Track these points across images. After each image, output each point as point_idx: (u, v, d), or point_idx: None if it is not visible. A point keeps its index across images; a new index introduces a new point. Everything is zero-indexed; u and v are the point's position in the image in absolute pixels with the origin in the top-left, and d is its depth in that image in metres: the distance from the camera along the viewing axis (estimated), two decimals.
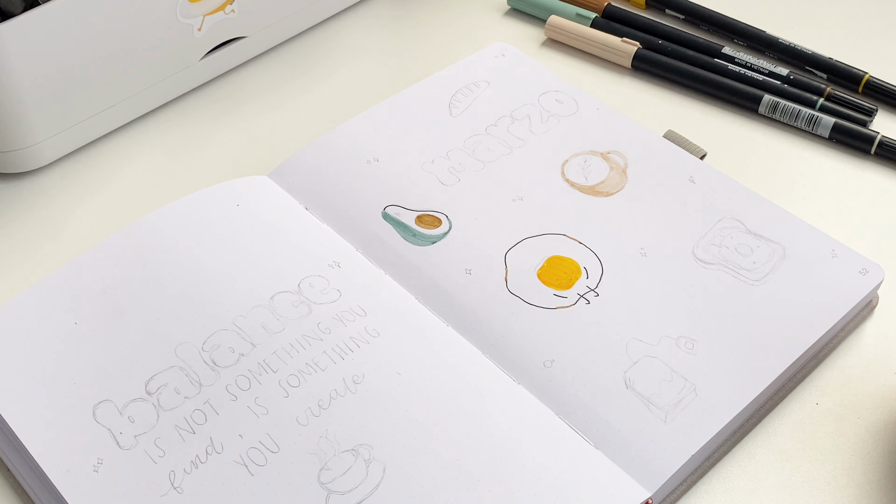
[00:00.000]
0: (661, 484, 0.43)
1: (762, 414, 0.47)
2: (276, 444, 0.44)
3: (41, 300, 0.50)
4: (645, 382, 0.47)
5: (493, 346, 0.48)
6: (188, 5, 0.61)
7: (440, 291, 0.51)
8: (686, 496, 0.45)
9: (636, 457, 0.44)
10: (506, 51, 0.64)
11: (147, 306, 0.50)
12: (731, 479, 0.45)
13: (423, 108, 0.60)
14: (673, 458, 0.44)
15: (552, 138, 0.58)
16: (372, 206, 0.55)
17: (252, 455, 0.44)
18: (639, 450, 0.44)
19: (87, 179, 0.60)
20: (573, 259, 0.52)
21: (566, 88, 0.61)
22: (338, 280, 0.51)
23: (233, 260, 0.52)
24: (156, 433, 0.45)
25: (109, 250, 0.52)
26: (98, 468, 0.44)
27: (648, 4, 0.70)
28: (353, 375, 0.47)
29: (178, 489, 0.43)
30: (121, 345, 0.48)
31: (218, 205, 0.55)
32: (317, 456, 0.44)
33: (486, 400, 0.46)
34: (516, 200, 0.55)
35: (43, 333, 0.48)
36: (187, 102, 0.64)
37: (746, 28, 0.67)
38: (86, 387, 0.46)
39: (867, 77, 0.63)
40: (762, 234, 0.53)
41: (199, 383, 0.47)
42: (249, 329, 0.49)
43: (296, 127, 0.60)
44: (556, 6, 0.69)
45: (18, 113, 0.57)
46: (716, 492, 0.45)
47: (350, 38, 0.68)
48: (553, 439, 0.45)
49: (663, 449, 0.44)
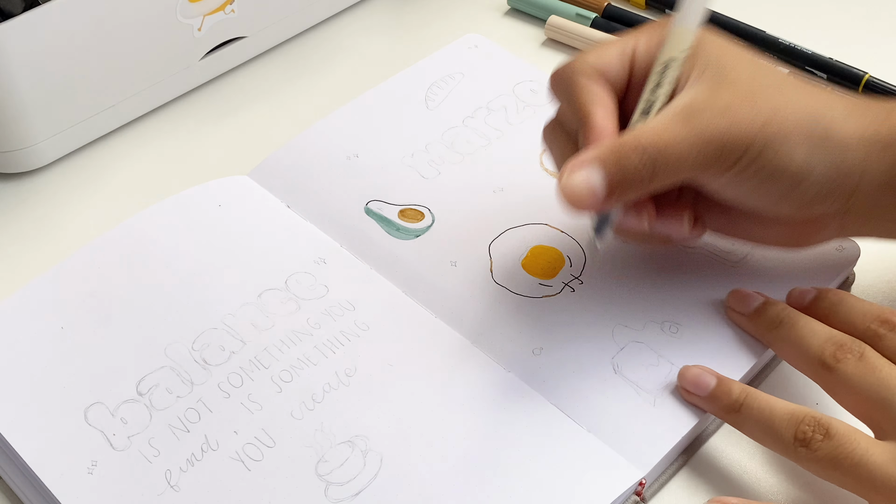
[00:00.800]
0: (653, 464, 0.44)
1: None
2: (271, 438, 0.45)
3: (26, 306, 0.50)
4: (632, 367, 0.47)
5: (482, 335, 0.49)
6: (188, 5, 0.61)
7: (426, 284, 0.51)
8: (678, 475, 0.46)
9: (628, 439, 0.45)
10: (478, 42, 0.64)
11: (134, 308, 0.50)
12: (722, 457, 0.46)
13: (399, 103, 0.61)
14: (664, 439, 0.45)
15: (529, 128, 0.59)
16: (354, 202, 0.55)
17: (248, 450, 0.44)
18: (630, 432, 0.45)
19: (87, 179, 0.60)
20: (556, 248, 0.53)
21: (540, 77, 0.62)
22: (324, 276, 0.51)
23: (218, 259, 0.52)
24: (149, 433, 0.45)
25: (93, 254, 0.52)
26: (92, 470, 0.44)
27: (648, 4, 0.70)
28: (346, 368, 0.47)
29: (175, 487, 0.43)
30: (109, 347, 0.48)
31: (199, 205, 0.55)
32: (313, 449, 0.44)
33: (479, 388, 0.46)
34: (497, 192, 0.55)
35: (29, 339, 0.48)
36: (187, 102, 0.64)
37: (746, 28, 0.67)
38: (76, 390, 0.46)
39: (867, 77, 0.63)
40: None
41: (190, 382, 0.47)
42: (239, 327, 0.49)
43: (296, 127, 0.60)
44: (556, 6, 0.69)
45: (18, 113, 0.57)
46: (707, 470, 0.46)
47: (350, 38, 0.69)
48: (546, 424, 0.45)
49: (654, 431, 0.45)
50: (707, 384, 0.45)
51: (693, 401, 0.46)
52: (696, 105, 0.43)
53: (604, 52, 0.46)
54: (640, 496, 0.44)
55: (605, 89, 0.45)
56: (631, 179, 0.42)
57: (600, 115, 0.44)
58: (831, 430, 0.41)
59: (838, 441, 0.41)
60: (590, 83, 0.45)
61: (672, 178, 0.43)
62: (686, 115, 0.43)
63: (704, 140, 0.43)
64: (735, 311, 0.48)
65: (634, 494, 0.44)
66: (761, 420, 0.43)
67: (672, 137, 0.42)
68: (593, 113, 0.44)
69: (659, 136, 0.43)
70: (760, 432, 0.43)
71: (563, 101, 0.46)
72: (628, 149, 0.42)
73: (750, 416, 0.43)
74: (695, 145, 0.42)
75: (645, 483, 0.44)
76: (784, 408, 0.43)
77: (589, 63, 0.45)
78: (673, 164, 0.43)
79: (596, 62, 0.45)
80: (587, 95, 0.45)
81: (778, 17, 0.68)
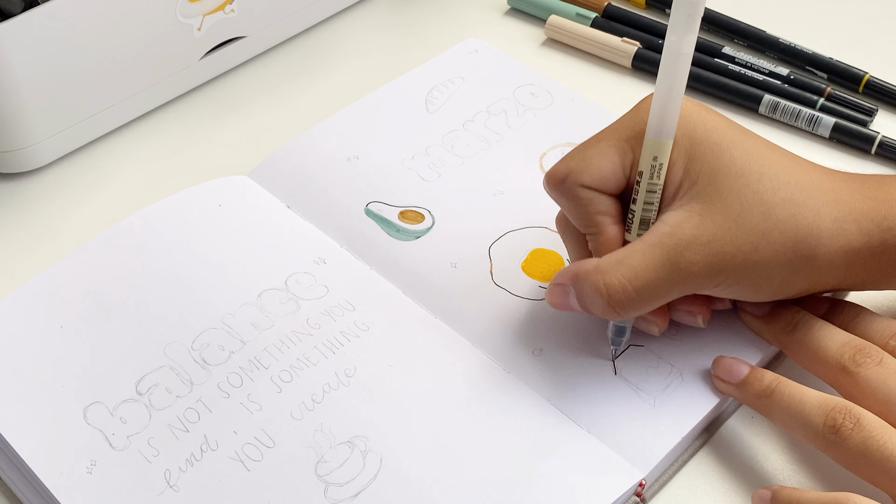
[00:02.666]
0: (653, 465, 0.44)
1: None
2: (271, 439, 0.45)
3: (25, 304, 0.50)
4: (632, 368, 0.47)
5: (482, 337, 0.49)
6: (188, 5, 0.61)
7: (427, 285, 0.51)
8: (677, 475, 0.46)
9: (628, 440, 0.45)
10: (478, 46, 0.64)
11: (133, 308, 0.49)
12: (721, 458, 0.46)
13: (399, 106, 0.61)
14: (664, 440, 0.45)
15: (529, 132, 0.59)
16: (354, 203, 0.55)
17: (248, 451, 0.44)
18: (630, 433, 0.45)
19: (86, 179, 0.60)
20: (556, 251, 0.53)
21: (540, 81, 0.62)
22: (324, 276, 0.51)
23: (217, 259, 0.52)
24: (149, 433, 0.45)
25: (93, 253, 0.52)
26: (91, 469, 0.44)
27: (648, 4, 0.70)
28: (346, 369, 0.47)
29: (174, 487, 0.43)
30: (108, 347, 0.48)
31: (199, 205, 0.55)
32: (313, 449, 0.44)
33: (479, 389, 0.46)
34: (497, 194, 0.55)
35: (28, 338, 0.48)
36: (187, 102, 0.64)
37: (746, 28, 0.67)
38: (74, 389, 0.46)
39: (867, 77, 0.63)
40: None
41: (190, 382, 0.47)
42: (238, 327, 0.49)
43: (296, 127, 0.60)
44: (556, 6, 0.69)
45: (18, 113, 0.57)
46: (706, 471, 0.46)
47: (350, 38, 0.69)
48: (546, 425, 0.45)
49: (654, 432, 0.45)
50: (740, 372, 0.45)
51: (725, 389, 0.46)
52: (680, 237, 0.43)
53: (602, 163, 0.45)
54: (640, 497, 0.44)
55: (607, 196, 0.46)
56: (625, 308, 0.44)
57: (608, 226, 0.45)
58: (862, 420, 0.41)
59: (869, 432, 0.41)
60: (591, 195, 0.45)
61: (661, 303, 0.45)
62: (670, 250, 0.43)
63: (687, 276, 0.43)
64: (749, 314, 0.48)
65: (634, 495, 0.44)
66: (792, 405, 0.43)
67: (656, 277, 0.43)
68: (600, 224, 0.45)
69: (644, 275, 0.43)
70: (791, 419, 0.43)
71: (566, 209, 0.47)
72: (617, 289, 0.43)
73: (781, 402, 0.44)
74: (679, 281, 0.44)
75: (645, 484, 0.44)
76: (815, 395, 0.43)
77: (589, 175, 0.45)
78: (660, 296, 0.44)
79: (596, 174, 0.45)
80: (591, 207, 0.45)
81: (778, 17, 0.68)
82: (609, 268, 0.44)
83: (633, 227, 0.45)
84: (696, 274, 0.43)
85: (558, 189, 0.46)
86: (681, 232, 0.43)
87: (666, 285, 0.44)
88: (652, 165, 0.44)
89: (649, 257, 0.43)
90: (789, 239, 0.43)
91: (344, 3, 0.70)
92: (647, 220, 0.45)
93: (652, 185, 0.45)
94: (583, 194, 0.45)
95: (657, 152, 0.44)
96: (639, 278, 0.43)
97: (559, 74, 0.64)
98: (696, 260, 0.43)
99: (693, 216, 0.44)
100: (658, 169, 0.44)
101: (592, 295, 0.44)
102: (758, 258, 0.43)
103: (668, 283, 0.43)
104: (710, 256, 0.43)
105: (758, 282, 0.44)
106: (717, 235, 0.43)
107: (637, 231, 0.45)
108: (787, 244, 0.43)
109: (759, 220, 0.43)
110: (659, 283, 0.43)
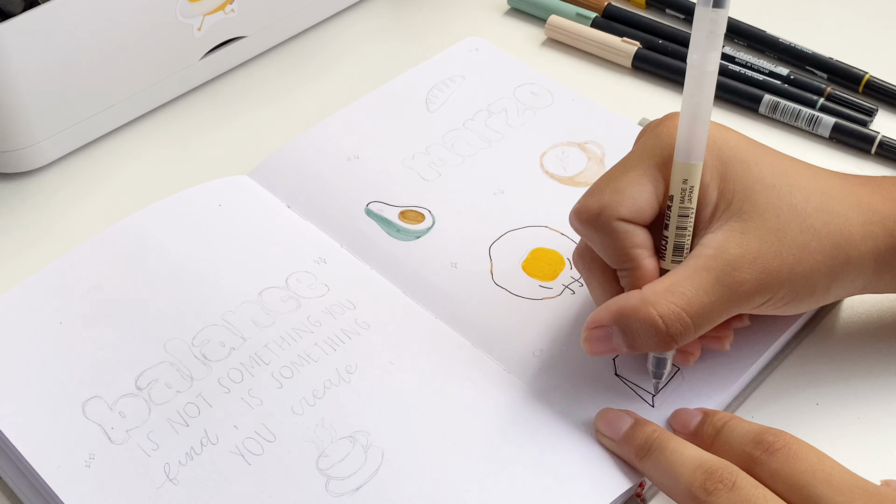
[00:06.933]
0: None
1: (747, 393, 0.48)
2: (272, 433, 0.44)
3: (25, 300, 0.50)
4: (632, 369, 0.47)
5: (482, 337, 0.49)
6: (188, 5, 0.61)
7: (427, 285, 0.51)
8: None
9: None
10: (479, 45, 0.65)
11: (133, 304, 0.49)
12: None
13: (399, 105, 0.61)
14: None
15: (529, 131, 0.59)
16: (354, 203, 0.55)
17: (248, 445, 0.44)
18: None
19: (87, 179, 0.60)
20: (556, 251, 0.53)
21: (540, 80, 0.62)
22: (325, 275, 0.51)
23: (218, 257, 0.52)
24: (148, 427, 0.45)
25: (93, 250, 0.52)
26: (90, 463, 0.43)
27: (648, 4, 0.70)
28: (347, 366, 0.47)
29: (174, 481, 0.43)
30: (108, 342, 0.48)
31: (199, 205, 0.55)
32: (314, 443, 0.44)
33: (479, 388, 0.46)
34: (497, 194, 0.56)
35: (27, 333, 0.48)
36: (187, 102, 0.64)
37: (746, 28, 0.67)
38: (73, 384, 0.46)
39: (867, 77, 0.63)
40: None
41: (190, 377, 0.46)
42: (239, 324, 0.49)
43: (296, 127, 0.60)
44: (556, 6, 0.69)
45: (18, 113, 0.57)
46: None
47: (350, 38, 0.69)
48: (546, 425, 0.45)
49: None
50: (620, 427, 0.44)
51: (609, 445, 0.44)
52: (727, 258, 0.43)
53: (637, 193, 0.44)
54: (640, 497, 0.44)
55: (642, 228, 0.44)
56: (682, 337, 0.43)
57: (644, 259, 0.44)
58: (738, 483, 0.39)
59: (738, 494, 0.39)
60: (627, 228, 0.44)
61: (711, 328, 0.44)
62: (719, 272, 0.42)
63: (739, 295, 0.43)
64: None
65: (634, 496, 0.44)
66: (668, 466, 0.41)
67: (709, 301, 0.42)
68: (637, 257, 0.44)
69: (697, 301, 0.42)
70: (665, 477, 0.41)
71: (598, 243, 0.45)
72: (672, 319, 0.42)
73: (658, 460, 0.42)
74: (731, 302, 0.43)
75: (645, 484, 0.44)
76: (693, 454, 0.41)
77: (626, 208, 0.44)
78: (713, 320, 0.43)
79: (632, 206, 0.44)
80: (628, 241, 0.44)
81: (778, 17, 0.68)
82: (658, 298, 0.42)
83: (668, 255, 0.44)
84: (746, 293, 0.43)
85: (592, 225, 0.44)
86: (726, 253, 0.43)
87: (719, 308, 0.43)
88: (682, 189, 0.43)
89: (698, 282, 0.42)
90: (826, 247, 0.43)
91: (344, 4, 0.70)
92: (681, 245, 0.44)
93: (684, 210, 0.44)
94: (620, 228, 0.44)
95: (687, 175, 0.43)
96: (692, 305, 0.42)
97: (559, 74, 0.64)
98: (746, 279, 0.43)
99: (735, 235, 0.43)
100: (689, 192, 0.44)
101: (645, 329, 0.42)
102: (801, 270, 0.43)
103: (720, 305, 0.43)
104: (758, 274, 0.43)
105: (801, 293, 0.44)
106: (762, 252, 0.43)
107: (671, 258, 0.44)
108: (826, 252, 0.43)
109: (798, 232, 0.43)
110: (713, 307, 0.42)
